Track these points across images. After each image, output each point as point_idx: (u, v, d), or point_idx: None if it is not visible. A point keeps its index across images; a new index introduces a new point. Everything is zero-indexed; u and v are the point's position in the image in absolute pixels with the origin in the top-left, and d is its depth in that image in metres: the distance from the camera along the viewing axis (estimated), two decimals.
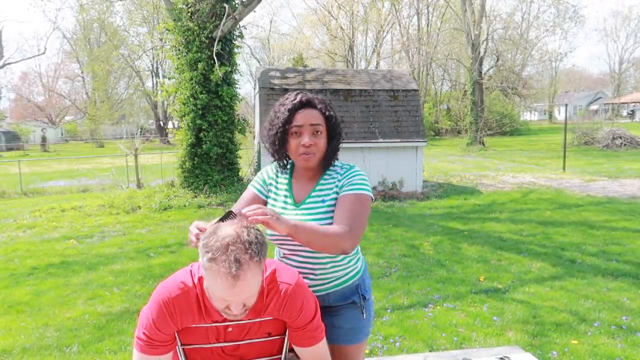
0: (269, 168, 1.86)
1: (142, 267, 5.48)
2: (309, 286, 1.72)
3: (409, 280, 4.85)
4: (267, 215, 1.39)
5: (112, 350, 3.49)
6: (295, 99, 1.68)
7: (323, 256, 1.69)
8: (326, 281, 1.74)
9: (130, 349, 3.46)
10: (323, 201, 1.69)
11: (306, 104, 1.67)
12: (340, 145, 1.76)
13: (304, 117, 1.65)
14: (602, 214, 7.82)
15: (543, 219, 7.52)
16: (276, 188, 1.80)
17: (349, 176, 1.70)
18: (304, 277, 1.72)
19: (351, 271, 1.78)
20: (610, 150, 19.99)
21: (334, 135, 1.72)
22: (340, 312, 1.77)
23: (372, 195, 1.70)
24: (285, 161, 1.78)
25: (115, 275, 5.21)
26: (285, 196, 1.76)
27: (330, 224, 1.62)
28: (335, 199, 1.68)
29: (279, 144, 1.70)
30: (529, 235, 6.59)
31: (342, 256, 1.71)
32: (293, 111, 1.66)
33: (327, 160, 1.73)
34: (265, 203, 1.82)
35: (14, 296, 4.64)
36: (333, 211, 1.65)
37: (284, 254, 1.77)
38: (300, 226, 1.47)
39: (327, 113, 1.69)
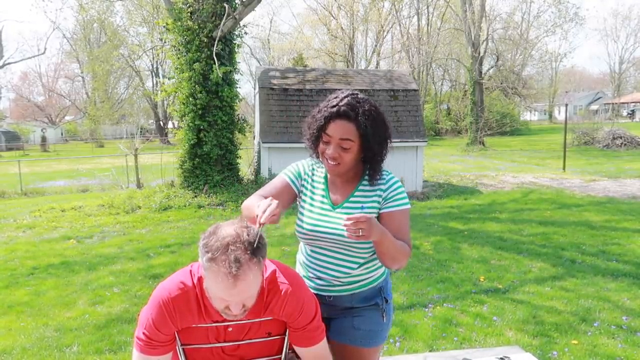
0: (306, 163, 1.81)
1: (142, 267, 5.48)
2: (336, 287, 1.72)
3: (409, 280, 4.85)
4: (365, 218, 1.42)
5: (112, 350, 3.48)
6: (337, 104, 1.60)
7: (355, 256, 1.69)
8: (355, 282, 1.73)
9: (130, 349, 3.45)
10: (362, 207, 1.67)
11: (343, 115, 1.58)
12: (385, 155, 1.69)
13: (334, 129, 1.59)
14: (602, 214, 7.82)
15: (543, 219, 7.51)
16: (312, 186, 1.77)
17: (393, 189, 1.70)
18: (335, 278, 1.71)
19: (377, 273, 1.76)
20: (611, 150, 20.00)
21: (370, 149, 1.63)
22: (362, 313, 1.75)
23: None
24: (319, 159, 1.74)
25: (115, 275, 5.21)
26: (322, 196, 1.73)
27: None
28: (376, 207, 1.67)
29: (313, 144, 1.70)
30: (529, 235, 6.59)
31: (371, 259, 1.72)
32: (328, 119, 1.61)
33: (367, 168, 1.70)
34: (296, 195, 1.77)
35: (14, 296, 4.64)
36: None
37: (313, 251, 1.75)
38: (387, 236, 1.53)
39: (363, 130, 1.59)
